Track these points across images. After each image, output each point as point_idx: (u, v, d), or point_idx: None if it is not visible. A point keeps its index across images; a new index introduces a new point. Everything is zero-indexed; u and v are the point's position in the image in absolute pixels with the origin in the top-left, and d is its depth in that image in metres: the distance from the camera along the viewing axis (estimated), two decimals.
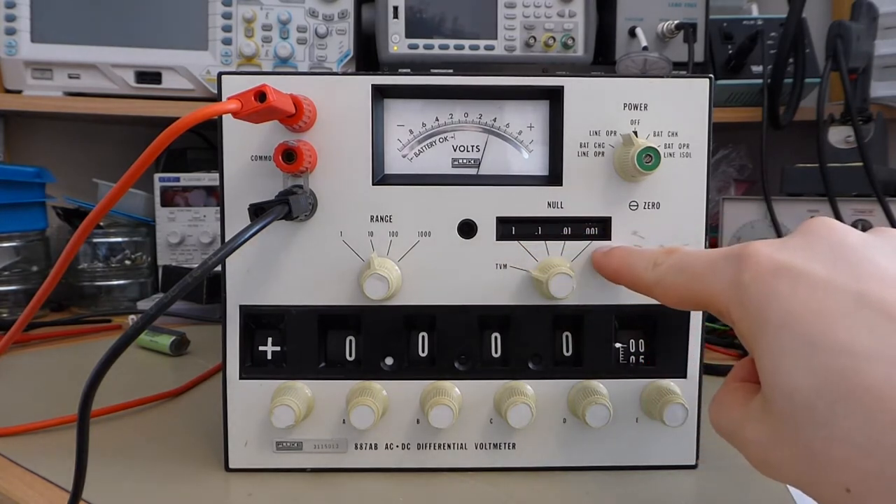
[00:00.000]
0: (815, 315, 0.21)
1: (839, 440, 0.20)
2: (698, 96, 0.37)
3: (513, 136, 0.38)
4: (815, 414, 0.21)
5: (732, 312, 0.25)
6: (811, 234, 0.24)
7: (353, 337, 0.38)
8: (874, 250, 0.23)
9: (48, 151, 1.06)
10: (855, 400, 0.20)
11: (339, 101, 0.36)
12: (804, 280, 0.22)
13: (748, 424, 0.25)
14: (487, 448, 0.38)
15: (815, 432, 0.21)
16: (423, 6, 0.89)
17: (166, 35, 0.90)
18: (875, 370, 0.20)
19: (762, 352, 0.23)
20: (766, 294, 0.23)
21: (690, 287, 0.27)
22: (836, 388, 0.20)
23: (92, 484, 0.30)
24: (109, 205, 0.32)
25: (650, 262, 0.30)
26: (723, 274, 0.25)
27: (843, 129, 0.83)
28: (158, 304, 0.26)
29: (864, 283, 0.22)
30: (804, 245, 0.24)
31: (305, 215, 0.36)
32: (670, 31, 0.90)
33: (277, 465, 0.38)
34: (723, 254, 0.26)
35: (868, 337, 0.20)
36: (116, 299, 0.91)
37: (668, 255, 0.29)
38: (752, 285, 0.24)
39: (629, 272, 0.32)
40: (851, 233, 0.24)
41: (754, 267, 0.24)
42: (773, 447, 0.23)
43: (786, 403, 0.22)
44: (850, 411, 0.20)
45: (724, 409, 0.27)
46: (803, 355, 0.21)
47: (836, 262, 0.23)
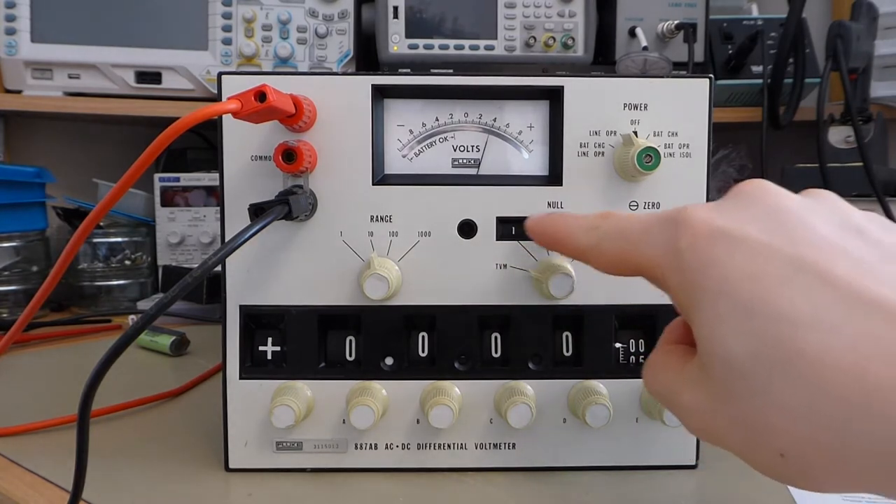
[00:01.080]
0: (752, 281, 0.21)
1: (775, 406, 0.20)
2: (698, 96, 0.37)
3: (513, 136, 0.38)
4: (752, 380, 0.21)
5: (669, 279, 0.24)
6: (747, 197, 0.24)
7: (353, 337, 0.38)
8: (811, 214, 0.23)
9: (48, 151, 1.06)
10: (791, 366, 0.20)
11: (339, 101, 0.36)
12: (741, 245, 0.22)
13: (685, 389, 0.24)
14: (487, 448, 0.38)
15: (752, 398, 0.21)
16: (423, 6, 0.89)
17: (166, 35, 0.90)
18: (811, 337, 0.20)
19: (699, 318, 0.23)
20: (703, 260, 0.23)
21: (626, 252, 0.26)
22: (773, 354, 0.20)
23: (92, 484, 0.30)
24: (109, 205, 0.32)
25: (585, 226, 0.29)
26: (659, 239, 0.25)
27: (843, 129, 0.83)
28: (158, 304, 0.26)
29: (800, 247, 0.21)
30: (740, 208, 0.24)
31: (305, 215, 0.36)
32: (670, 31, 0.90)
33: (277, 465, 0.38)
34: (659, 218, 0.25)
35: (804, 303, 0.20)
36: (116, 299, 0.91)
37: (605, 219, 0.28)
38: (689, 251, 0.23)
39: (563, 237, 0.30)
40: (787, 196, 0.24)
41: (690, 232, 0.23)
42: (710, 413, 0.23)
43: (723, 370, 0.22)
44: (786, 378, 0.20)
45: (659, 373, 0.26)
46: (740, 322, 0.21)
47: (773, 226, 0.22)
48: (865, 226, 0.22)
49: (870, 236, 0.22)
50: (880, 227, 0.22)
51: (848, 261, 0.21)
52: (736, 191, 0.25)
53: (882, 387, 0.18)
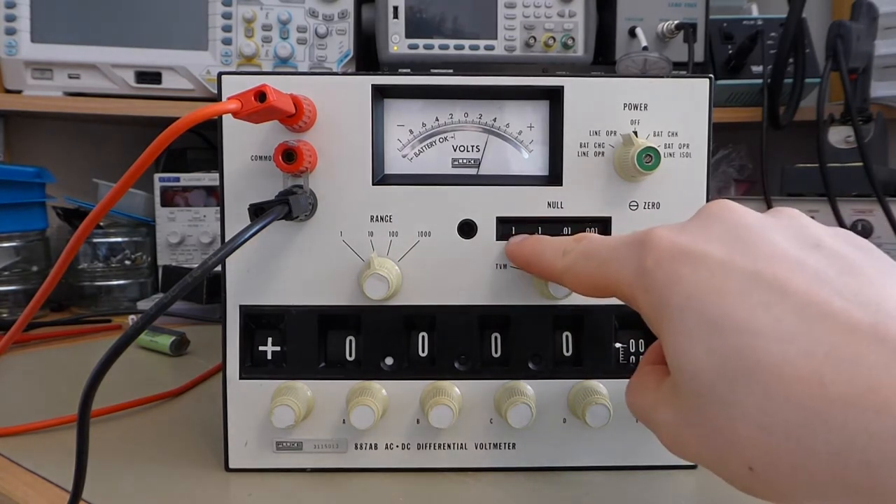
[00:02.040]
0: (715, 295, 0.22)
1: (741, 419, 0.20)
2: (698, 96, 0.37)
3: (513, 136, 0.38)
4: (718, 393, 0.21)
5: (638, 299, 0.25)
6: (709, 216, 0.25)
7: (353, 337, 0.38)
8: (770, 230, 0.23)
9: (48, 151, 1.06)
10: (753, 378, 0.20)
11: (339, 101, 0.36)
12: (703, 262, 0.23)
13: (659, 407, 0.25)
14: (487, 448, 0.38)
15: (719, 411, 0.21)
16: (423, 6, 0.89)
17: (166, 35, 0.90)
18: (772, 348, 0.20)
19: (666, 334, 0.23)
20: (668, 278, 0.23)
21: (597, 274, 0.27)
22: (736, 366, 0.20)
23: (92, 484, 0.30)
24: (109, 205, 0.32)
25: (560, 250, 0.30)
26: (627, 260, 0.26)
27: (843, 129, 0.83)
28: (158, 304, 0.26)
29: (760, 262, 0.22)
30: (703, 227, 0.24)
31: (305, 215, 0.36)
32: (670, 31, 0.90)
33: (277, 465, 0.38)
34: (626, 240, 0.26)
35: (764, 316, 0.20)
36: (116, 299, 0.91)
37: (577, 242, 0.29)
38: (655, 270, 0.24)
39: (539, 261, 0.32)
40: (748, 214, 0.24)
41: (656, 252, 0.24)
42: (681, 428, 0.23)
43: (690, 384, 0.22)
44: (749, 389, 0.20)
45: (638, 393, 0.27)
46: (704, 336, 0.22)
47: (734, 243, 0.23)
48: (825, 240, 0.23)
49: (829, 249, 0.22)
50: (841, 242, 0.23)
51: (805, 274, 0.21)
52: (701, 211, 0.26)
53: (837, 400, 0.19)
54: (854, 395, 0.18)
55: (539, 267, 0.32)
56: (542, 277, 0.33)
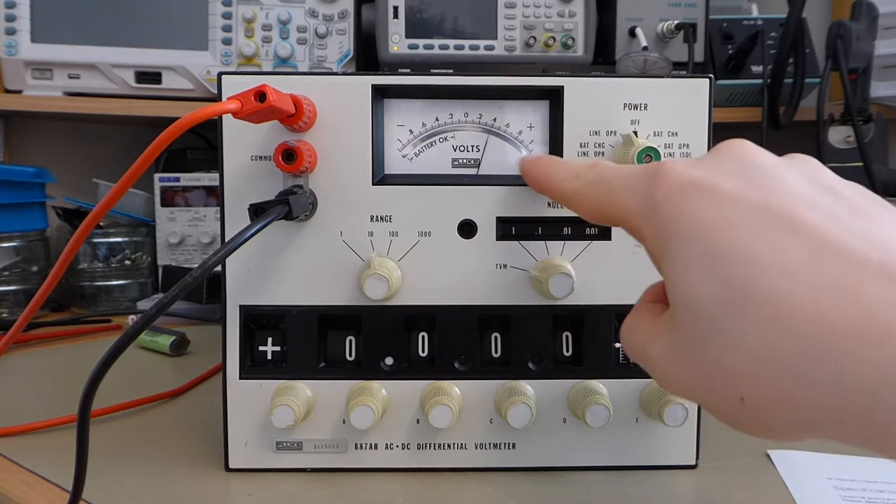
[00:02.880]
0: (720, 227, 0.22)
1: (736, 349, 0.20)
2: (698, 96, 0.37)
3: (513, 136, 0.38)
4: (715, 323, 0.21)
5: (643, 229, 0.25)
6: (724, 153, 0.25)
7: (353, 337, 0.38)
8: (783, 169, 0.23)
9: (48, 151, 1.06)
10: (753, 309, 0.20)
11: (339, 101, 0.36)
12: (713, 194, 0.23)
13: (654, 341, 0.25)
14: (487, 448, 0.38)
15: (714, 341, 0.21)
16: (423, 6, 0.89)
17: (166, 35, 0.90)
18: (774, 280, 0.20)
19: (668, 265, 0.23)
20: (677, 208, 0.23)
21: (605, 201, 0.27)
22: (736, 297, 0.20)
23: (92, 484, 0.30)
24: (109, 205, 0.32)
25: (572, 173, 0.30)
26: (637, 190, 0.25)
27: (843, 129, 0.83)
28: (158, 304, 0.26)
29: (771, 197, 0.22)
30: (716, 162, 0.24)
31: (305, 215, 0.36)
32: (670, 31, 0.90)
33: (277, 465, 0.38)
34: (638, 171, 0.26)
35: (770, 249, 0.20)
36: (116, 299, 0.91)
37: (591, 168, 0.29)
38: (663, 201, 0.24)
39: (550, 181, 0.32)
40: (763, 153, 0.24)
41: (667, 183, 0.24)
42: (673, 360, 0.23)
43: (687, 314, 0.22)
44: (748, 320, 0.20)
45: (633, 330, 0.27)
46: (707, 265, 0.21)
47: (746, 178, 0.23)
48: (837, 186, 0.23)
49: (842, 195, 0.22)
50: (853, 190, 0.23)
51: (817, 212, 0.21)
52: (716, 147, 0.25)
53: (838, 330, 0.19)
54: (855, 325, 0.18)
55: (549, 187, 0.32)
56: (551, 198, 0.32)
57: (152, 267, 0.94)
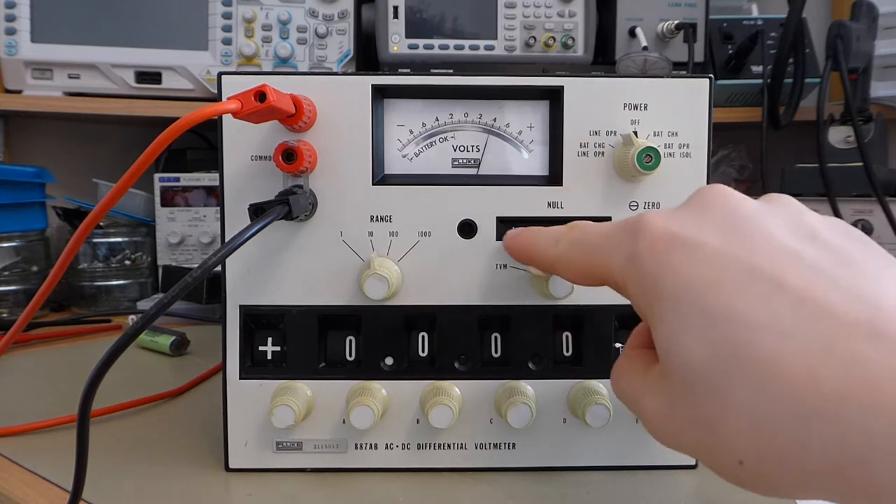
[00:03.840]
0: (709, 287, 0.21)
1: (732, 411, 0.20)
2: (698, 96, 0.37)
3: (513, 136, 0.38)
4: (710, 385, 0.21)
5: (629, 286, 0.25)
6: (704, 203, 0.24)
7: (353, 337, 0.38)
8: (766, 219, 0.23)
9: (48, 151, 1.06)
10: (747, 371, 0.20)
11: (339, 101, 0.36)
12: (697, 251, 0.22)
13: (647, 395, 0.25)
14: (487, 448, 0.38)
15: (710, 403, 0.21)
16: (423, 6, 0.89)
17: (166, 35, 0.90)
18: (767, 342, 0.20)
19: (658, 323, 0.23)
20: (661, 266, 0.23)
21: (588, 262, 0.27)
22: (730, 359, 0.20)
23: (92, 484, 0.30)
24: (109, 205, 0.32)
25: (552, 239, 0.30)
26: (618, 247, 0.25)
27: (843, 129, 0.83)
28: (158, 304, 0.26)
29: (755, 255, 0.21)
30: (697, 214, 0.24)
31: (305, 215, 0.36)
32: (670, 31, 0.90)
33: (277, 465, 0.38)
34: (619, 227, 0.26)
35: (761, 309, 0.20)
36: (116, 299, 0.91)
37: (570, 231, 0.29)
38: (647, 258, 0.23)
39: (532, 250, 0.32)
40: (744, 201, 0.24)
41: (648, 238, 0.24)
42: (670, 418, 0.23)
43: (682, 374, 0.22)
44: (743, 383, 0.20)
45: (625, 378, 0.27)
46: (698, 326, 0.21)
47: (730, 232, 0.23)
48: (821, 231, 0.22)
49: (825, 241, 0.22)
50: (837, 233, 0.23)
51: (801, 267, 0.21)
52: (694, 196, 0.25)
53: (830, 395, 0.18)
54: (850, 391, 0.18)
55: (533, 257, 0.32)
56: (537, 267, 0.32)
57: (152, 267, 0.94)
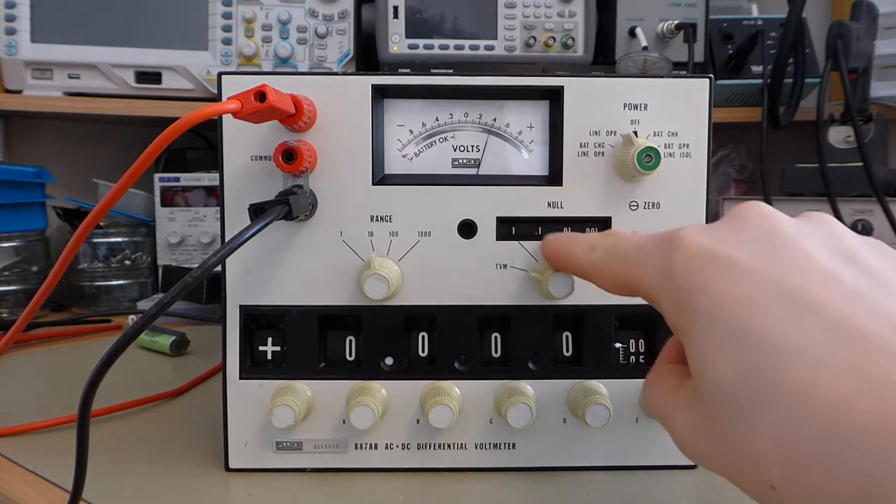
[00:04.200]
0: (742, 306, 0.21)
1: (763, 435, 0.20)
2: (698, 96, 0.37)
3: (513, 136, 0.38)
4: (740, 407, 0.21)
5: (662, 300, 0.25)
6: (741, 219, 0.24)
7: (353, 337, 0.38)
8: (804, 239, 0.22)
9: (48, 151, 1.06)
10: (779, 396, 0.20)
11: (339, 101, 0.36)
12: (732, 268, 0.22)
13: (678, 411, 0.24)
14: (487, 448, 0.38)
15: (740, 426, 0.21)
16: (423, 6, 0.89)
17: (166, 35, 0.90)
18: (799, 367, 0.19)
19: (690, 341, 0.23)
20: (694, 283, 0.23)
21: (622, 271, 0.27)
22: (761, 382, 0.20)
23: (92, 484, 0.30)
24: (109, 205, 0.32)
25: (588, 245, 0.30)
26: (652, 259, 0.25)
27: (843, 129, 0.83)
28: (158, 304, 0.26)
29: (791, 274, 0.21)
30: (733, 231, 0.23)
31: (305, 215, 0.36)
32: (670, 31, 0.90)
33: (277, 465, 0.38)
34: (654, 239, 0.26)
35: (792, 332, 0.20)
36: (116, 299, 0.91)
37: (605, 238, 0.29)
38: (681, 273, 0.23)
39: (568, 256, 0.32)
40: (781, 219, 0.24)
41: (683, 254, 0.23)
42: (701, 437, 0.23)
43: (713, 395, 0.22)
44: (774, 407, 0.20)
45: (656, 393, 0.26)
46: (730, 347, 0.21)
47: (765, 250, 0.22)
48: (861, 253, 0.22)
49: (864, 264, 0.21)
50: (876, 255, 0.22)
51: (839, 290, 0.20)
52: (732, 213, 0.25)
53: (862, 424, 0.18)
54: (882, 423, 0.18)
55: (567, 262, 0.32)
56: (571, 273, 0.32)
57: (152, 267, 0.94)
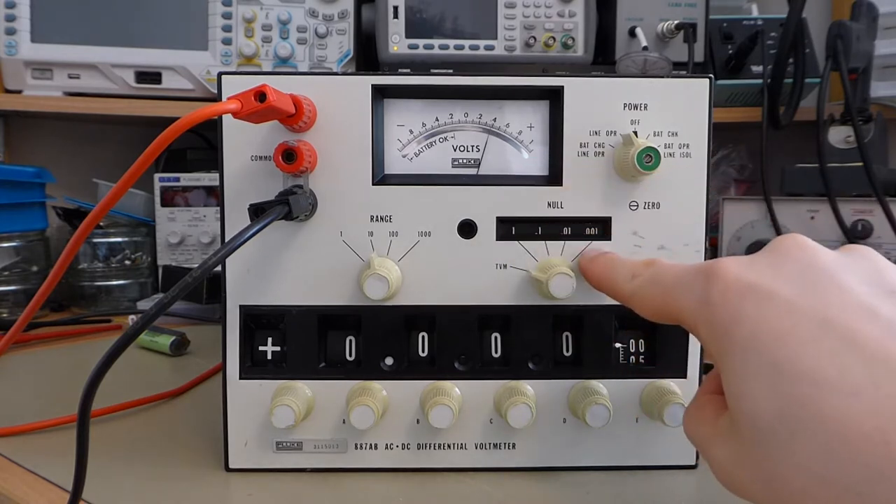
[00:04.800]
0: (780, 339, 0.21)
1: (799, 468, 0.20)
2: (698, 96, 0.37)
3: (513, 136, 0.38)
4: (777, 440, 0.21)
5: (700, 330, 0.25)
6: (781, 252, 0.24)
7: (353, 337, 0.38)
8: (844, 272, 0.23)
9: (48, 151, 1.06)
10: (815, 430, 0.20)
11: (339, 101, 0.36)
12: (770, 302, 0.22)
13: (715, 442, 0.25)
14: (487, 448, 0.38)
15: (776, 458, 0.21)
16: (423, 6, 0.89)
17: (166, 35, 0.90)
18: (834, 400, 0.20)
19: (728, 372, 0.23)
20: (732, 314, 0.23)
21: (662, 301, 0.27)
22: (798, 416, 0.20)
23: (92, 484, 0.30)
24: (109, 205, 0.32)
25: (629, 273, 0.30)
26: (691, 290, 0.25)
27: (843, 129, 0.82)
28: (158, 304, 0.26)
29: (830, 308, 0.21)
30: (773, 264, 0.24)
31: (305, 215, 0.36)
32: (670, 31, 0.90)
33: (277, 465, 0.38)
34: (693, 269, 0.26)
35: (831, 366, 0.20)
36: (116, 299, 0.91)
37: (647, 267, 0.30)
38: (719, 304, 0.24)
39: (609, 282, 0.32)
40: (822, 252, 0.24)
41: (722, 285, 0.24)
42: (737, 467, 0.23)
43: (749, 427, 0.22)
44: (810, 441, 0.20)
45: (695, 423, 0.27)
46: (767, 380, 0.21)
47: (805, 284, 0.22)
48: None
49: None
50: None
51: (877, 324, 0.20)
52: (773, 245, 0.25)
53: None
54: None
55: (608, 287, 0.33)
56: (611, 297, 0.33)
57: (152, 267, 0.94)
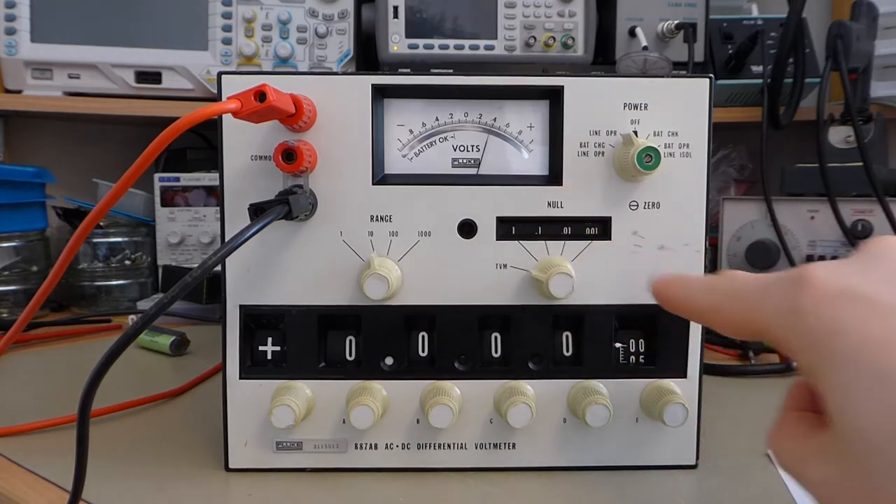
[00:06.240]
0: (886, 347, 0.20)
1: None
2: (698, 96, 0.37)
3: (513, 135, 0.38)
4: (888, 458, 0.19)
5: (792, 343, 0.23)
6: (872, 255, 0.23)
7: (353, 337, 0.38)
8: None
9: (48, 151, 1.06)
10: None
11: (339, 101, 0.36)
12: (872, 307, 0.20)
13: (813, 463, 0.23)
14: (487, 448, 0.38)
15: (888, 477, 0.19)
16: (423, 6, 0.89)
17: (166, 35, 0.90)
18: None
19: (830, 386, 0.21)
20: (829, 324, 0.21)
21: (745, 315, 0.26)
22: None
23: (92, 484, 0.30)
24: (109, 205, 0.32)
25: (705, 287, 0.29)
26: (778, 300, 0.24)
27: (843, 129, 0.82)
28: (158, 304, 0.26)
29: None
30: (866, 268, 0.22)
31: (305, 215, 0.36)
32: (670, 31, 0.90)
33: (277, 465, 0.38)
34: (777, 278, 0.24)
35: None
36: (116, 299, 0.91)
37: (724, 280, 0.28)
38: (812, 314, 0.22)
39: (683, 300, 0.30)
40: None
41: (813, 292, 0.22)
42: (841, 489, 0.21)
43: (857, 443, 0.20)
44: None
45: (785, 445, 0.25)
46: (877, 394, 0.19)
47: None
48: None
49: None
50: None
51: None
52: (864, 249, 0.23)
53: None
54: None
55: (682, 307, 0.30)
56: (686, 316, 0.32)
57: (152, 267, 0.94)
